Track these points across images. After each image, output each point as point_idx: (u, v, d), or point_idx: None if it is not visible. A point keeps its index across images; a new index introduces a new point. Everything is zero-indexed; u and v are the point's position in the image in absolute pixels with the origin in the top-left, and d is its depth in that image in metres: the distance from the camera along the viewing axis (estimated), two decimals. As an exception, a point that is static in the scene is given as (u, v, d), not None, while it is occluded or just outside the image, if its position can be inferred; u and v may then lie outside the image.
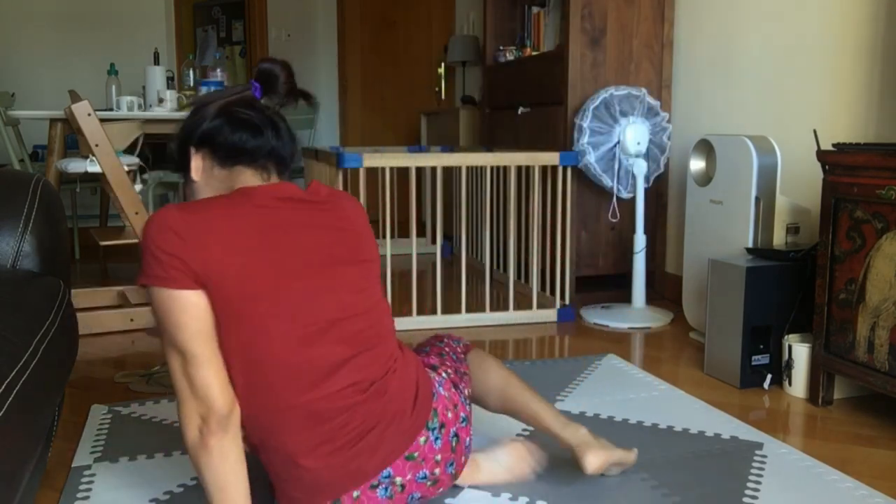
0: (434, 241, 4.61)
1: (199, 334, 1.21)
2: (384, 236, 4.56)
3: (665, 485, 1.59)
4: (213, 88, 3.76)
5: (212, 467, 1.21)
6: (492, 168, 3.61)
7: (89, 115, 2.69)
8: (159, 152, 5.12)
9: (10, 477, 0.97)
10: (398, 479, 1.32)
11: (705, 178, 2.65)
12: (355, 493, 1.29)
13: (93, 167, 2.83)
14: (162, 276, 1.20)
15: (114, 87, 3.74)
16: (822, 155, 2.01)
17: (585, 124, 2.97)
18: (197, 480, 1.61)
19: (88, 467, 1.68)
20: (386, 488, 1.31)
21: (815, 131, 2.11)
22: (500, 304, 3.24)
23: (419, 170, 4.84)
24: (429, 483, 1.36)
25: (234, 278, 1.21)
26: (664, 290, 3.40)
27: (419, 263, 4.24)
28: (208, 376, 1.21)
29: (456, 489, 1.56)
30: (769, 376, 2.21)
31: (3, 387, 0.99)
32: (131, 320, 2.89)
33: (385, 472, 1.30)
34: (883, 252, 1.85)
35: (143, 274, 1.22)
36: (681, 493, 1.55)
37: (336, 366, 1.26)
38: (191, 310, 1.20)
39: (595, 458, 1.55)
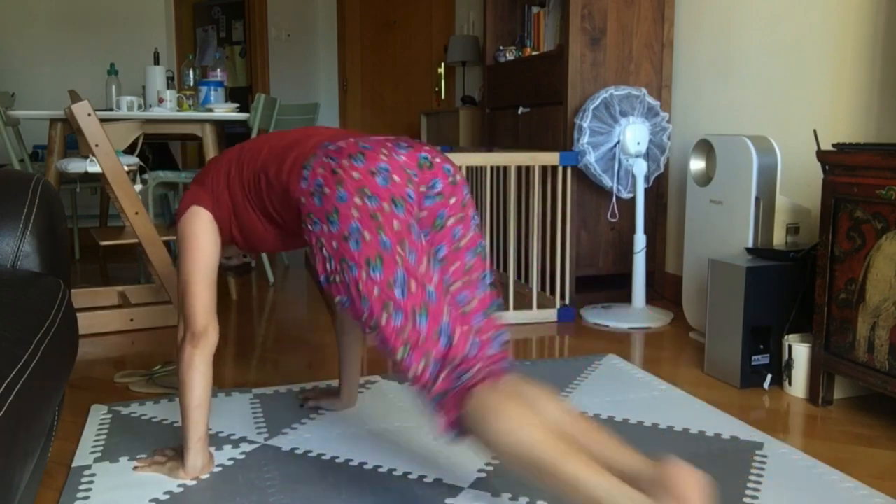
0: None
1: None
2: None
3: (665, 485, 1.59)
4: (212, 88, 3.76)
5: (180, 368, 1.56)
6: (492, 168, 3.61)
7: (89, 115, 2.69)
8: (159, 152, 5.13)
9: (9, 477, 0.97)
10: None
11: (705, 178, 2.65)
12: None
13: (93, 167, 2.83)
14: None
15: (114, 87, 3.74)
16: (822, 155, 2.01)
17: (585, 124, 2.97)
18: (196, 481, 1.61)
19: (88, 467, 1.68)
20: None
21: (815, 131, 2.11)
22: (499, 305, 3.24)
23: (419, 170, 4.83)
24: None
25: None
26: (664, 290, 3.40)
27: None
28: (196, 303, 1.56)
29: (456, 489, 1.56)
30: (769, 376, 2.21)
31: (3, 387, 0.99)
32: (131, 320, 2.89)
33: None
34: (883, 252, 1.85)
35: None
36: (681, 493, 1.55)
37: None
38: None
39: None
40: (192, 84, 4.06)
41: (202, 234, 1.60)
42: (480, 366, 1.30)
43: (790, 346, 2.15)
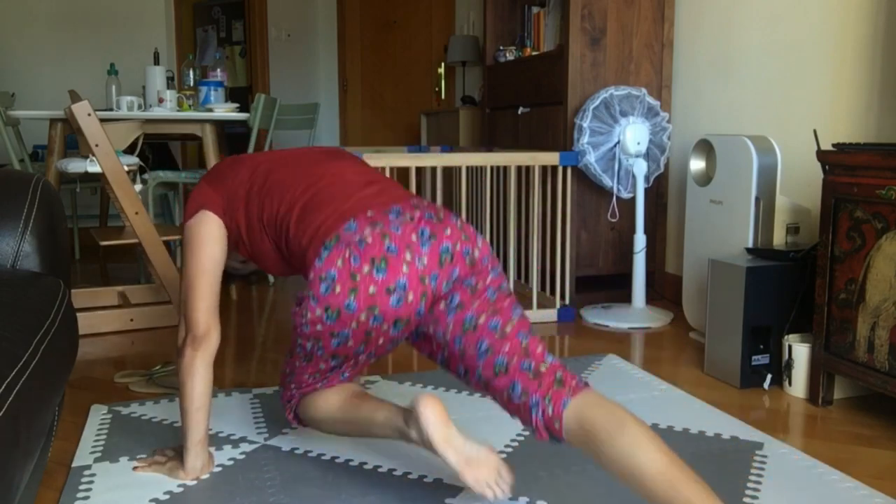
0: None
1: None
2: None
3: (665, 485, 1.59)
4: (212, 88, 3.76)
5: (181, 370, 1.56)
6: (492, 168, 3.61)
7: (89, 115, 2.69)
8: (159, 152, 5.13)
9: (10, 477, 0.97)
10: None
11: (705, 178, 2.65)
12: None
13: (93, 167, 2.83)
14: None
15: (114, 87, 3.74)
16: (822, 155, 2.01)
17: (585, 124, 2.97)
18: (196, 481, 1.61)
19: (88, 467, 1.68)
20: None
21: (815, 131, 2.11)
22: (500, 304, 3.24)
23: (419, 170, 4.84)
24: None
25: None
26: (664, 290, 3.40)
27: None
28: (199, 305, 1.57)
29: (455, 489, 1.56)
30: (769, 376, 2.21)
31: (3, 387, 0.99)
32: (131, 320, 2.89)
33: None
34: (883, 252, 1.85)
35: None
36: (681, 493, 1.55)
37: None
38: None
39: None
40: (192, 84, 4.06)
41: (209, 238, 1.59)
42: (312, 384, 1.59)
43: (790, 346, 2.15)
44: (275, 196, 1.56)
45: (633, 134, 2.96)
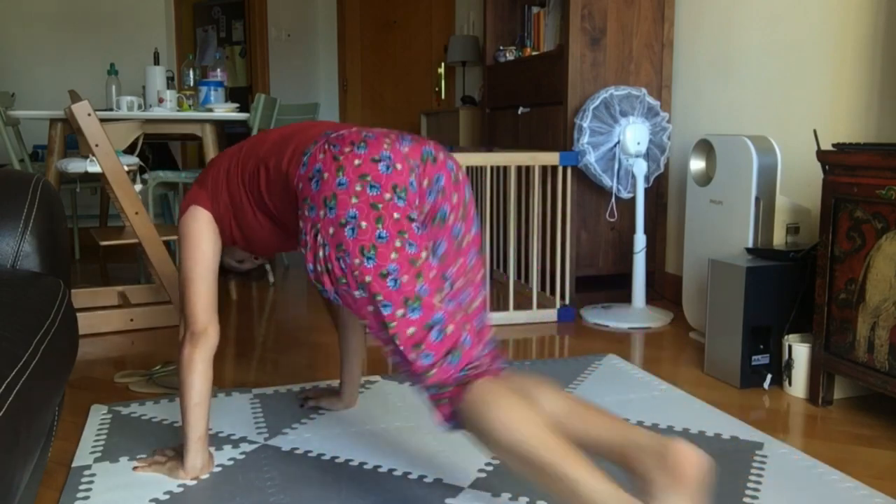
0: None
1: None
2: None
3: (665, 485, 1.59)
4: (212, 88, 3.76)
5: (181, 366, 1.57)
6: (492, 168, 3.61)
7: (89, 115, 2.69)
8: (159, 152, 5.13)
9: (10, 477, 0.97)
10: None
11: (705, 178, 2.65)
12: None
13: (93, 167, 2.83)
14: None
15: (114, 87, 3.74)
16: (822, 155, 2.01)
17: (585, 124, 2.97)
18: (196, 481, 1.61)
19: (88, 467, 1.68)
20: None
21: (815, 131, 2.11)
22: (500, 304, 3.24)
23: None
24: None
25: None
26: (664, 290, 3.40)
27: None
28: (196, 301, 1.57)
29: (456, 489, 1.56)
30: (769, 376, 2.21)
31: (3, 387, 0.99)
32: (131, 320, 2.89)
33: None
34: (883, 252, 1.85)
35: None
36: (681, 493, 1.55)
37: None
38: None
39: None
40: (192, 84, 4.06)
41: (201, 233, 1.60)
42: (479, 361, 1.30)
43: (790, 346, 2.15)
44: (252, 155, 1.57)
45: (633, 134, 2.96)
